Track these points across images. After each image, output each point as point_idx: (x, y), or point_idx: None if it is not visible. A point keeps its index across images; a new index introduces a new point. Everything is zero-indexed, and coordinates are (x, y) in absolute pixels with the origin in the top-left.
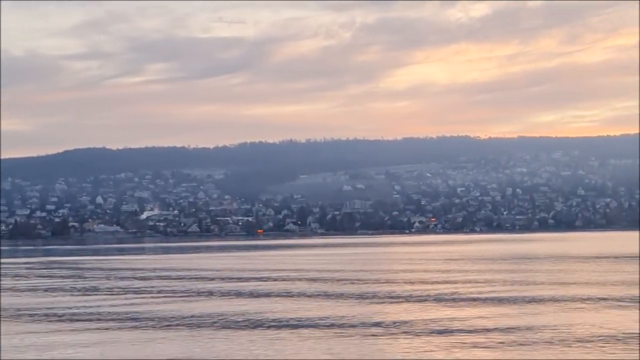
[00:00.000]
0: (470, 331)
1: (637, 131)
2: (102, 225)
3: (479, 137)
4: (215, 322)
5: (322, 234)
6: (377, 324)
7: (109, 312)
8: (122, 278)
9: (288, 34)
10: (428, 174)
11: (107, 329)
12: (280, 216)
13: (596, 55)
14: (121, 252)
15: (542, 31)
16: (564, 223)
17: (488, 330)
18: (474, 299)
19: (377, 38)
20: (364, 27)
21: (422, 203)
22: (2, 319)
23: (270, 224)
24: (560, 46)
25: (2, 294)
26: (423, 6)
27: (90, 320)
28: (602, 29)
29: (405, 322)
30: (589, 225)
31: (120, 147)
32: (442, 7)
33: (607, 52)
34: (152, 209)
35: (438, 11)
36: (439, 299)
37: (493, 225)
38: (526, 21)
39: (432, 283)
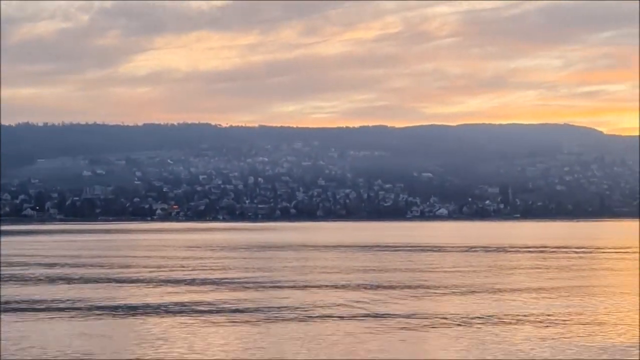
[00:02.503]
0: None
1: (376, 123)
2: None
3: (220, 125)
4: None
5: (61, 220)
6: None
7: None
8: None
9: (24, 14)
10: (170, 161)
11: None
12: (17, 201)
13: (335, 48)
14: None
15: (282, 22)
16: (306, 212)
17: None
18: (209, 306)
19: (117, 22)
20: (103, 11)
21: (164, 190)
22: None
23: (7, 209)
24: (300, 38)
25: None
26: None
27: None
28: (340, 22)
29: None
30: (330, 215)
31: None
32: None
33: (346, 45)
34: None
35: None
36: (171, 308)
37: (236, 214)
38: (266, 12)
39: (163, 282)
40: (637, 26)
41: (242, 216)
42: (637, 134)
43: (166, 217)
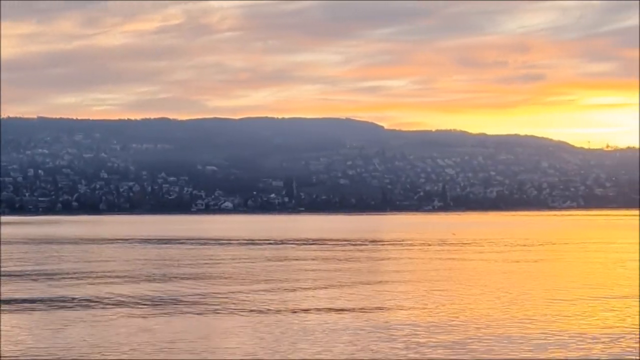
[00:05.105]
0: None
1: (159, 115)
2: None
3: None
4: None
5: None
6: None
7: None
8: None
9: None
10: None
11: None
12: None
13: (116, 39)
14: None
15: (60, 12)
16: (88, 206)
17: None
18: None
19: None
20: None
21: None
22: None
23: None
24: (79, 28)
25: None
26: None
27: None
28: (120, 13)
29: None
30: (113, 208)
31: None
32: None
33: (127, 36)
34: None
35: None
36: None
37: (15, 207)
38: (43, 1)
39: None
40: (416, 23)
41: (21, 209)
42: (417, 129)
43: None
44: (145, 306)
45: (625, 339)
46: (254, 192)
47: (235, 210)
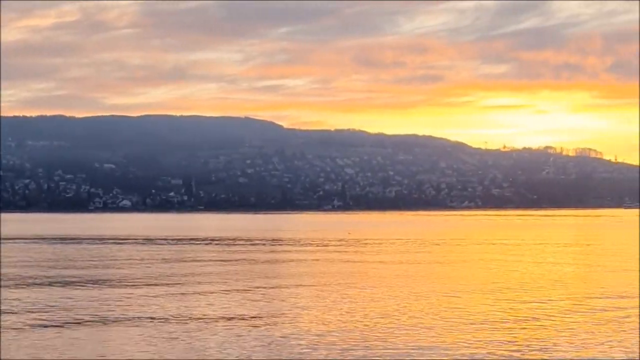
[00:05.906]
0: None
1: (55, 113)
2: None
3: None
4: None
5: None
6: None
7: None
8: None
9: None
10: None
11: None
12: None
13: (11, 35)
14: None
15: None
16: None
17: None
18: None
19: None
20: None
21: None
22: None
23: None
24: None
25: None
26: None
27: None
28: (15, 9)
29: None
30: (9, 206)
31: None
32: None
33: (22, 32)
34: None
35: None
36: None
37: None
38: None
39: None
40: (315, 23)
41: None
42: (316, 128)
43: None
44: (38, 313)
45: (516, 336)
46: (153, 191)
47: (134, 208)
